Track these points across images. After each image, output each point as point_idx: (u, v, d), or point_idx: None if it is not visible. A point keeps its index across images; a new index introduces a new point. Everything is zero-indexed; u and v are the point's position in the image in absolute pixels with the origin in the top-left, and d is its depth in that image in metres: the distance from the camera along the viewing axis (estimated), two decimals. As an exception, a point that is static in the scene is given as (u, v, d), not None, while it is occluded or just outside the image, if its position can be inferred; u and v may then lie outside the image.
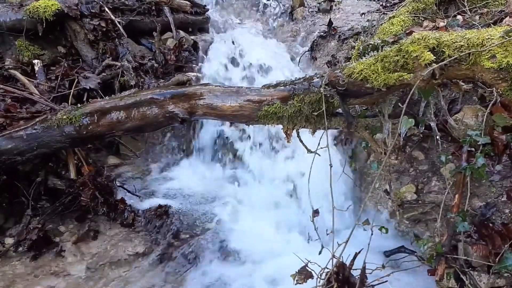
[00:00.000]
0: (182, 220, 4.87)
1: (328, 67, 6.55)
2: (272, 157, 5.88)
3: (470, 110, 4.14)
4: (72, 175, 4.64)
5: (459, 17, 4.94)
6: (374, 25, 6.08)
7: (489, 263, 3.51)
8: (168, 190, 5.50)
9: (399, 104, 3.70)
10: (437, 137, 4.06)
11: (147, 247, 4.55)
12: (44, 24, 5.69)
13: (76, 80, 5.60)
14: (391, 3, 7.37)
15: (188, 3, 7.25)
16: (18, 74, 5.37)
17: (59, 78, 5.56)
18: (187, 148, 6.25)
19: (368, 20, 6.82)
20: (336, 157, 5.07)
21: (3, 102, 4.78)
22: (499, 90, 3.05)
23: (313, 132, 3.81)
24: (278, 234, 4.88)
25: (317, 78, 3.66)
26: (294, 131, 3.83)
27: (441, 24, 4.75)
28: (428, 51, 3.00)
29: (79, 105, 4.44)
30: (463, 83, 3.51)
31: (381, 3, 7.69)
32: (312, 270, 3.39)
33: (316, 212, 3.72)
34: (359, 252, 3.51)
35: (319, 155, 3.73)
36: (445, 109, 4.17)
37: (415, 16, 5.13)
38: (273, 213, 5.25)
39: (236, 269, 4.45)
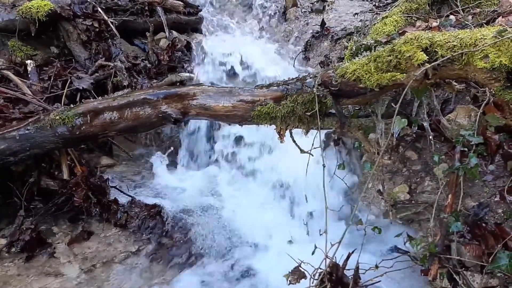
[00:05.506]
0: (175, 220, 4.86)
1: (321, 67, 6.57)
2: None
3: (463, 110, 4.15)
4: (65, 175, 4.63)
5: (452, 17, 4.95)
6: (367, 25, 6.07)
7: (482, 263, 3.51)
8: (162, 191, 5.48)
9: (392, 104, 3.71)
10: (430, 137, 4.06)
11: (140, 247, 4.55)
12: (37, 24, 5.69)
13: (69, 80, 5.59)
14: (384, 3, 7.37)
15: (181, 3, 7.25)
16: (10, 74, 5.35)
17: (52, 79, 5.55)
18: (181, 148, 6.24)
19: (361, 20, 6.82)
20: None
21: (-5, 102, 4.78)
22: (492, 90, 3.07)
23: (306, 133, 3.81)
24: (272, 235, 4.88)
25: (310, 78, 3.66)
26: (287, 131, 3.83)
27: (434, 24, 4.75)
28: (421, 51, 3.01)
29: (72, 105, 4.43)
30: (456, 83, 3.51)
31: (374, 3, 7.70)
32: (305, 270, 3.40)
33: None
34: (352, 252, 3.52)
35: (312, 155, 3.75)
36: (438, 109, 4.18)
37: (408, 16, 5.14)
38: (267, 211, 5.25)
39: (231, 270, 4.46)
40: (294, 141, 3.88)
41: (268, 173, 5.58)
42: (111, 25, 6.25)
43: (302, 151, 3.86)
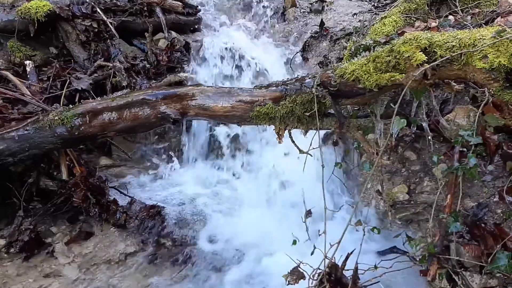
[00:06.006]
0: (174, 221, 4.87)
1: (320, 67, 6.56)
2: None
3: (462, 111, 4.15)
4: (64, 176, 4.62)
5: (450, 17, 4.95)
6: (366, 26, 6.07)
7: (481, 264, 3.51)
8: (161, 191, 5.48)
9: (391, 104, 3.71)
10: (429, 137, 4.07)
11: (139, 248, 4.55)
12: (36, 25, 5.67)
13: (68, 81, 5.57)
14: (383, 3, 7.37)
15: (180, 4, 7.23)
16: (9, 75, 5.34)
17: (51, 79, 5.54)
18: (179, 148, 6.24)
19: (360, 21, 6.82)
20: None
21: (-6, 103, 4.78)
22: (490, 90, 3.07)
23: (305, 133, 3.81)
24: (271, 233, 4.88)
25: (309, 78, 3.66)
26: (286, 131, 3.83)
27: (433, 24, 4.75)
28: (420, 51, 3.01)
29: (71, 106, 4.43)
30: (455, 84, 3.52)
31: (373, 3, 7.69)
32: (304, 271, 3.40)
33: (309, 213, 3.72)
34: (351, 252, 3.52)
35: (311, 156, 3.74)
36: (437, 110, 4.19)
37: (407, 17, 5.14)
38: (266, 211, 5.26)
39: (228, 271, 4.46)
40: (293, 142, 3.88)
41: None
42: (110, 26, 6.23)
43: (301, 151, 3.86)
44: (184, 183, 5.73)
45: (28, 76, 5.54)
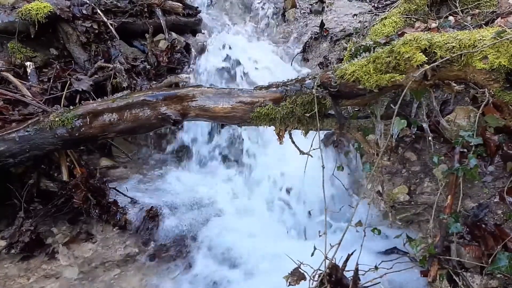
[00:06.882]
0: (174, 222, 4.86)
1: (320, 68, 6.56)
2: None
3: (462, 111, 4.15)
4: (65, 177, 4.62)
5: (451, 18, 4.95)
6: (366, 27, 6.08)
7: (482, 264, 3.51)
8: (161, 192, 5.47)
9: (391, 105, 3.70)
10: (429, 138, 4.06)
11: (139, 249, 4.54)
12: (37, 26, 5.68)
13: (69, 82, 5.57)
14: (383, 4, 7.38)
15: (180, 5, 7.25)
16: (10, 76, 5.34)
17: (51, 80, 5.54)
18: (179, 150, 6.23)
19: (360, 22, 6.83)
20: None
21: (-5, 104, 4.78)
22: (491, 91, 3.06)
23: (306, 134, 3.81)
24: (271, 236, 4.87)
25: (309, 79, 3.65)
26: (287, 132, 3.83)
27: (433, 25, 4.76)
28: (420, 52, 3.01)
29: (71, 107, 4.42)
30: (455, 84, 3.51)
31: (373, 4, 7.71)
32: (304, 271, 3.39)
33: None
34: (352, 253, 3.51)
35: (311, 156, 3.74)
36: (437, 110, 4.18)
37: (407, 17, 5.14)
38: (266, 214, 5.25)
39: (229, 272, 4.45)
40: (293, 142, 3.88)
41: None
42: (111, 27, 6.24)
43: (301, 152, 3.86)
44: (184, 185, 5.72)
45: (29, 77, 5.54)
